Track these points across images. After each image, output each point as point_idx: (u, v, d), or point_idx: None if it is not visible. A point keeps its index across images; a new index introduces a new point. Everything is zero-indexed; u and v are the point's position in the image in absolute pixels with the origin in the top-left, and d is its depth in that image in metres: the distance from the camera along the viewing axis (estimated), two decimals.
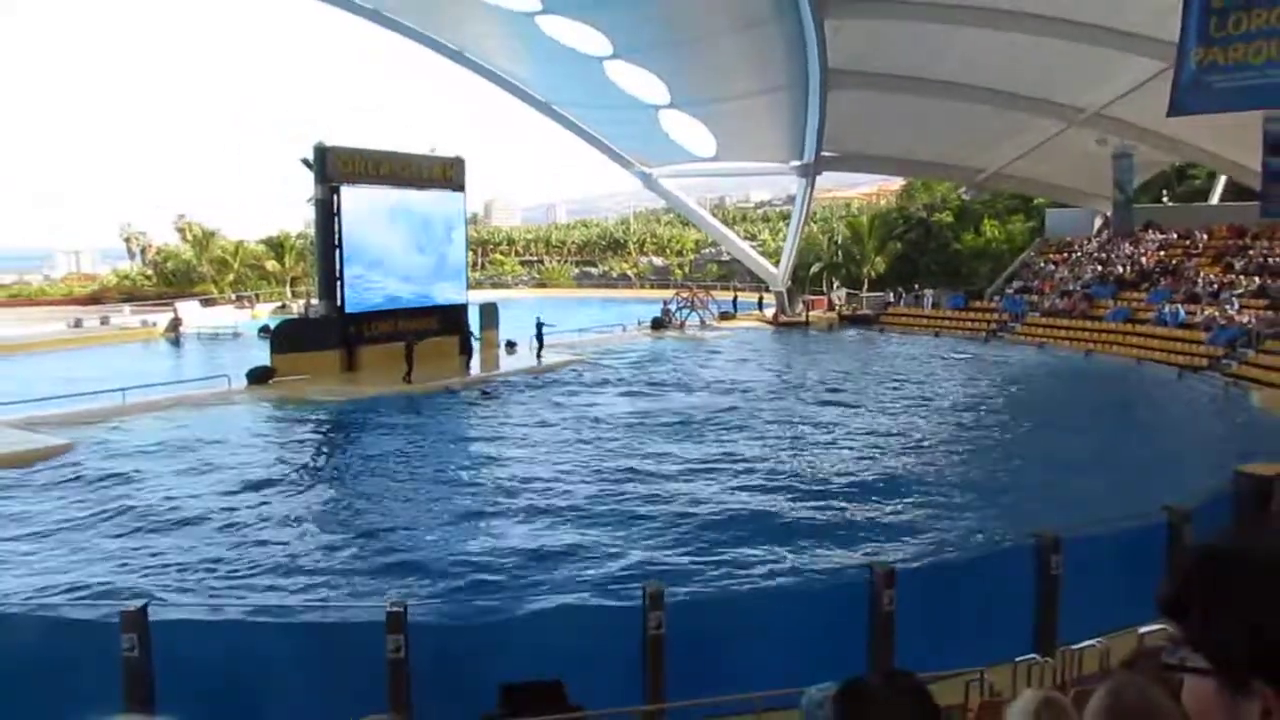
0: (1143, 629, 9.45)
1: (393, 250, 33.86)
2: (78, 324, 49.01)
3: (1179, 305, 35.58)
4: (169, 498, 17.58)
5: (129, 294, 62.60)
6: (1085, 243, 45.56)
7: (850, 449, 22.01)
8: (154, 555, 14.65)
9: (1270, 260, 36.34)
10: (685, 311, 48.47)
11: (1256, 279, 35.28)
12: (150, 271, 67.67)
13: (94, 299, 62.41)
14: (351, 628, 10.67)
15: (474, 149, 60.54)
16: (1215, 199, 46.51)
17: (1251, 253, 37.53)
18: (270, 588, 13.30)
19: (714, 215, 65.26)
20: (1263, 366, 29.23)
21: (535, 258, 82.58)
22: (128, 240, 71.36)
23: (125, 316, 52.46)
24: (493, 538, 15.68)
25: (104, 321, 50.16)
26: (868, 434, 23.53)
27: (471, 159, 36.71)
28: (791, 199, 56.97)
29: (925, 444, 22.55)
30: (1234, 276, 36.23)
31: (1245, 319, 32.48)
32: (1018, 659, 9.32)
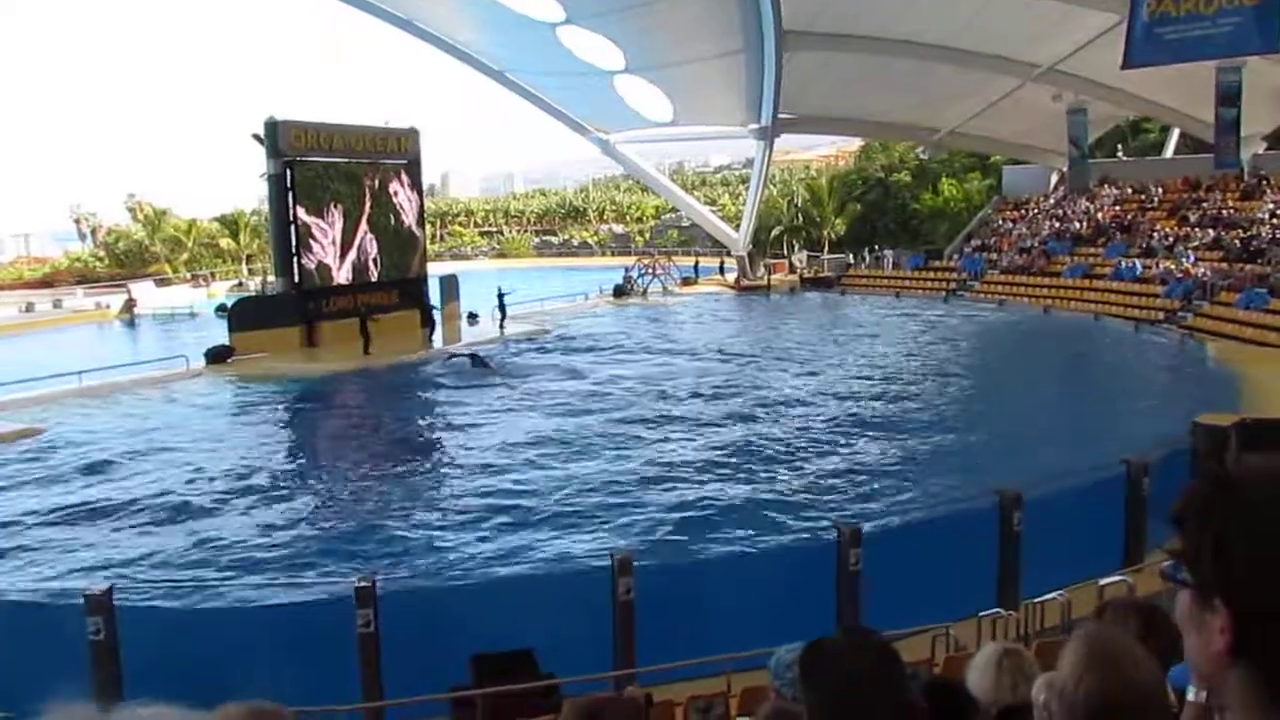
0: (1103, 580, 9.62)
1: None
2: (29, 308, 48.04)
3: (1135, 259, 35.95)
4: (127, 482, 17.36)
5: (81, 276, 61.37)
6: (1042, 199, 45.84)
7: (815, 410, 22.12)
8: (113, 542, 14.47)
9: (1224, 212, 36.77)
10: (647, 278, 48.34)
11: (1210, 231, 35.70)
12: (102, 253, 66.37)
13: (45, 282, 61.13)
14: (320, 603, 10.62)
15: (428, 120, 59.82)
16: (1169, 152, 46.87)
17: (1205, 205, 37.94)
18: (235, 567, 13.18)
19: (673, 180, 64.95)
20: (1217, 318, 29.66)
21: (494, 228, 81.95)
22: (78, 221, 69.85)
23: (78, 299, 51.42)
24: (459, 512, 15.63)
25: (57, 305, 49.20)
26: (832, 395, 23.64)
27: (426, 130, 36.31)
28: (750, 163, 56.84)
29: (888, 404, 22.71)
30: (1188, 229, 36.62)
31: (1200, 271, 32.88)
32: (982, 614, 9.45)
